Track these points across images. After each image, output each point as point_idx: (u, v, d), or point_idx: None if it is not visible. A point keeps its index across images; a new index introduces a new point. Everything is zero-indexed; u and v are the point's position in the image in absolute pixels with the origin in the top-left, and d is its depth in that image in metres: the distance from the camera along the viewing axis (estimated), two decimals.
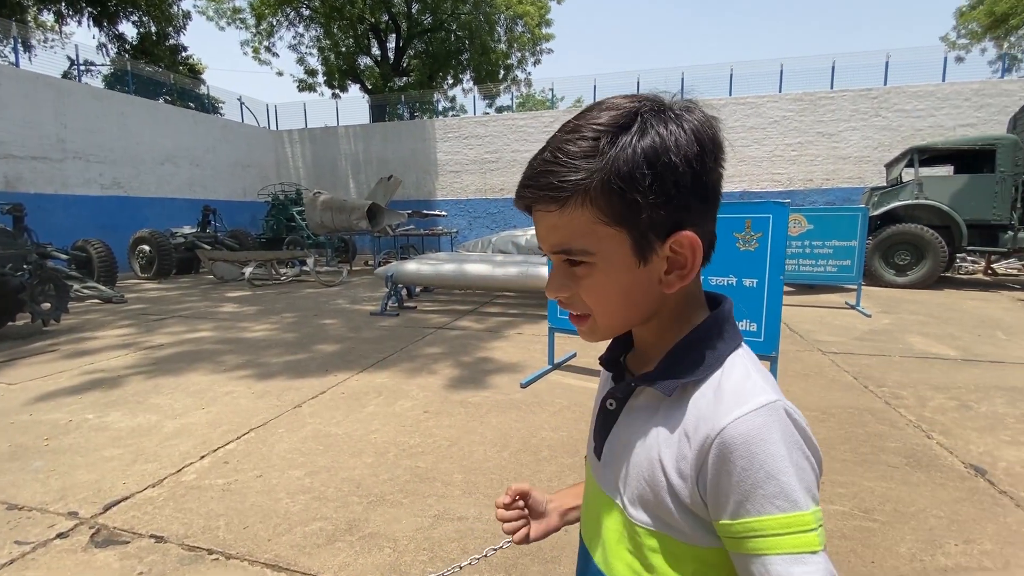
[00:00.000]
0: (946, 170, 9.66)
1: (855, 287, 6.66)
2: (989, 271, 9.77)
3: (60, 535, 1.97)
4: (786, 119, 13.29)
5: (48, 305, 5.67)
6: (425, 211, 13.18)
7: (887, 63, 13.21)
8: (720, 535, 0.49)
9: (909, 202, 7.96)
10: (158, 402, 3.39)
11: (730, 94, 14.08)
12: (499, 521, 0.73)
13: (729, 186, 13.74)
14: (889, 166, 9.17)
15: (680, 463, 0.50)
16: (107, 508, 2.14)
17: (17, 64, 12.42)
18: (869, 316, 5.90)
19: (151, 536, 1.95)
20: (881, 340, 4.84)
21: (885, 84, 13.06)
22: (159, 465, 2.51)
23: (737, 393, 0.49)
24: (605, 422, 0.61)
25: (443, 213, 13.79)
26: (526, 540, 0.73)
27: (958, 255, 8.73)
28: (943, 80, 12.84)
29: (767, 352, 3.01)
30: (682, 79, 14.34)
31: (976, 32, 21.74)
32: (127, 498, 2.21)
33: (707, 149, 0.48)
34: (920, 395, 3.40)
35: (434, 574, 1.68)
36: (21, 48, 12.85)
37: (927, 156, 8.30)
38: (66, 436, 2.87)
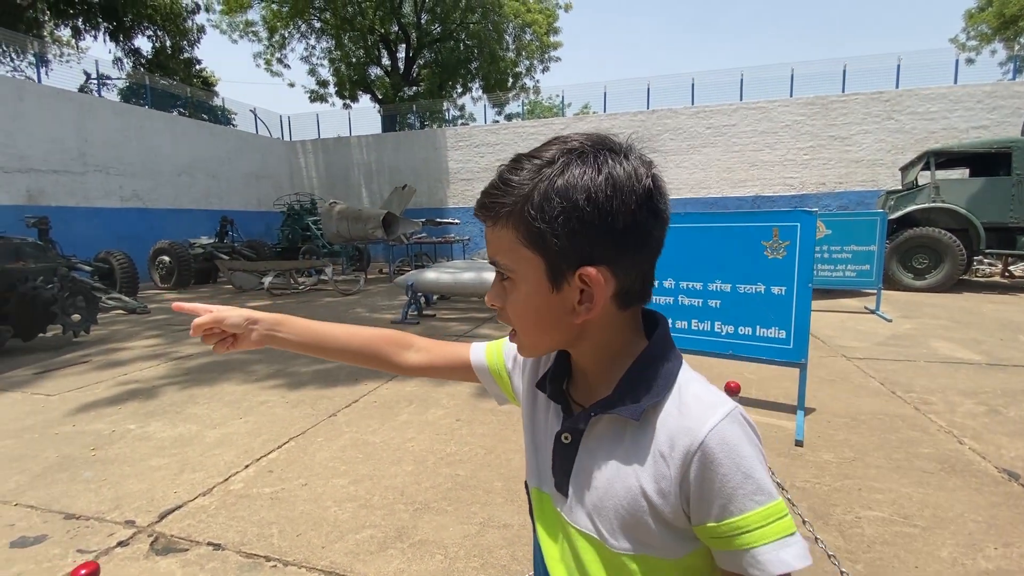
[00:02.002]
0: (962, 173, 9.62)
1: (875, 291, 6.64)
2: (1007, 274, 9.69)
3: (121, 543, 2.04)
4: (798, 123, 13.29)
5: (78, 317, 5.79)
6: (438, 219, 13.29)
7: (899, 66, 13.20)
8: (703, 537, 0.53)
9: (926, 205, 7.95)
10: (196, 412, 3.47)
11: (741, 99, 14.11)
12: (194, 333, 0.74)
13: (741, 191, 13.74)
14: (904, 169, 9.15)
15: (660, 483, 0.53)
16: (162, 516, 2.21)
17: (39, 80, 12.73)
18: (890, 321, 5.89)
19: (209, 544, 2.01)
20: (904, 345, 4.84)
21: (897, 87, 13.04)
22: (206, 474, 2.58)
23: (701, 405, 0.53)
24: (564, 456, 0.61)
25: (456, 221, 13.90)
26: (225, 349, 0.76)
27: (975, 258, 8.68)
28: (955, 82, 12.80)
29: (796, 359, 3.03)
30: (692, 85, 14.40)
31: (986, 34, 21.65)
32: (180, 507, 2.28)
33: (622, 194, 0.50)
34: (949, 400, 3.41)
35: None
36: (36, 63, 13.14)
37: (943, 159, 8.28)
38: (111, 446, 2.95)
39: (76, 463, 2.74)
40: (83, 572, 0.74)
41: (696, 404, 0.53)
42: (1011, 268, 9.77)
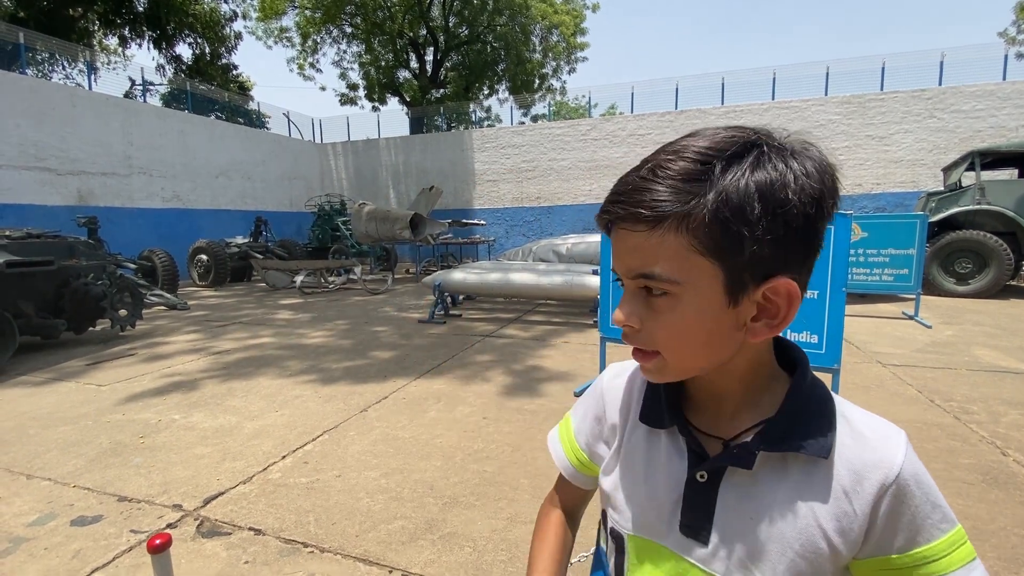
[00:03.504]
0: (1010, 173, 9.20)
1: (913, 296, 6.42)
2: None
3: (170, 525, 2.16)
4: (832, 122, 12.93)
5: (125, 312, 6.10)
6: (464, 220, 13.43)
7: (942, 62, 12.69)
8: (870, 571, 0.49)
9: (971, 208, 7.63)
10: (235, 404, 3.62)
11: (773, 98, 13.81)
12: None
13: None
14: (947, 170, 8.81)
15: (842, 521, 0.48)
16: (207, 502, 2.33)
17: (89, 87, 13.40)
18: (930, 327, 5.68)
19: (250, 529, 2.11)
20: (945, 352, 4.67)
21: (940, 84, 12.54)
22: (246, 463, 2.70)
23: (880, 433, 0.49)
24: (699, 497, 0.53)
25: (482, 222, 14.02)
26: None
27: (1023, 263, 8.29)
28: (1003, 78, 12.23)
29: (829, 364, 2.98)
30: (722, 84, 14.16)
31: None
32: (222, 493, 2.40)
33: (827, 192, 0.45)
34: (992, 410, 3.29)
35: None
36: (87, 70, 13.84)
37: (989, 159, 7.94)
38: (158, 434, 3.11)
39: (127, 449, 2.90)
40: (158, 542, 0.82)
41: (874, 434, 0.49)
42: None
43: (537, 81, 22.48)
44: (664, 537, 0.56)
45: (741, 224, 0.43)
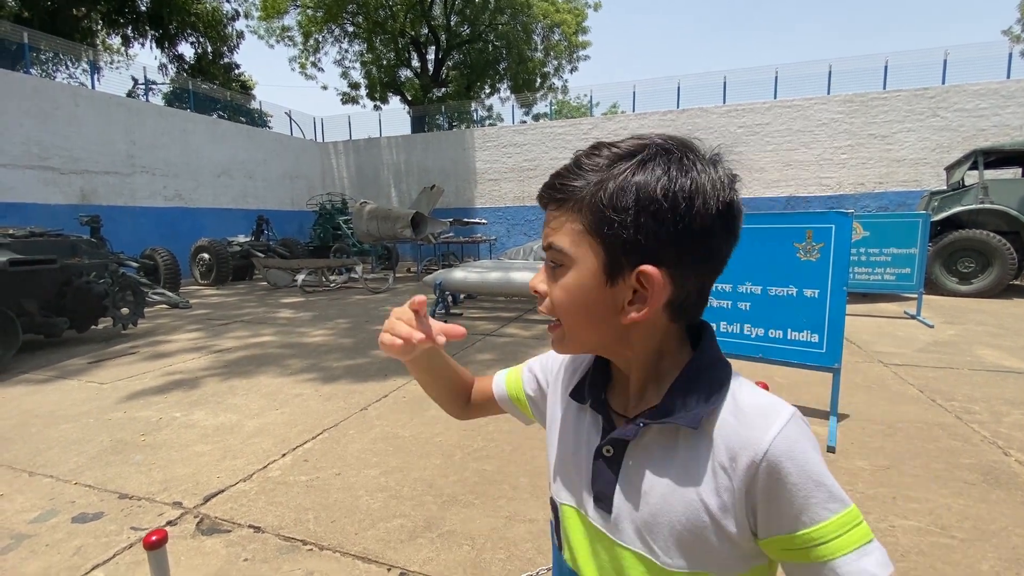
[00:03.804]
0: (1013, 172, 9.16)
1: (915, 296, 6.40)
2: None
3: (170, 523, 2.17)
4: (835, 121, 12.88)
5: (127, 310, 6.11)
6: (466, 219, 13.43)
7: (945, 61, 12.63)
8: (772, 551, 0.51)
9: (974, 207, 7.59)
10: (235, 402, 3.63)
11: (775, 97, 13.77)
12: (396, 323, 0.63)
13: (774, 191, 13.41)
14: (950, 169, 8.77)
15: (722, 496, 0.50)
16: (207, 499, 2.33)
17: (92, 86, 13.44)
18: (932, 327, 5.67)
19: (249, 526, 2.12)
20: (947, 352, 4.65)
21: (943, 83, 12.49)
22: (246, 461, 2.71)
23: (761, 411, 0.51)
24: (607, 470, 0.57)
25: (483, 221, 14.02)
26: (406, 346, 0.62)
27: None
28: (1007, 77, 12.17)
29: (829, 364, 2.98)
30: (724, 83, 14.13)
31: None
32: (223, 491, 2.41)
33: (703, 200, 0.49)
34: (994, 410, 3.28)
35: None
36: (90, 70, 13.88)
37: (993, 158, 7.90)
38: (159, 432, 3.12)
39: (128, 447, 2.91)
40: (153, 538, 0.82)
41: (754, 411, 0.51)
42: None
43: (539, 80, 22.46)
44: (583, 507, 0.61)
45: (614, 212, 0.49)
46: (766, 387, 1.87)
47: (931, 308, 6.68)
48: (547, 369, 0.75)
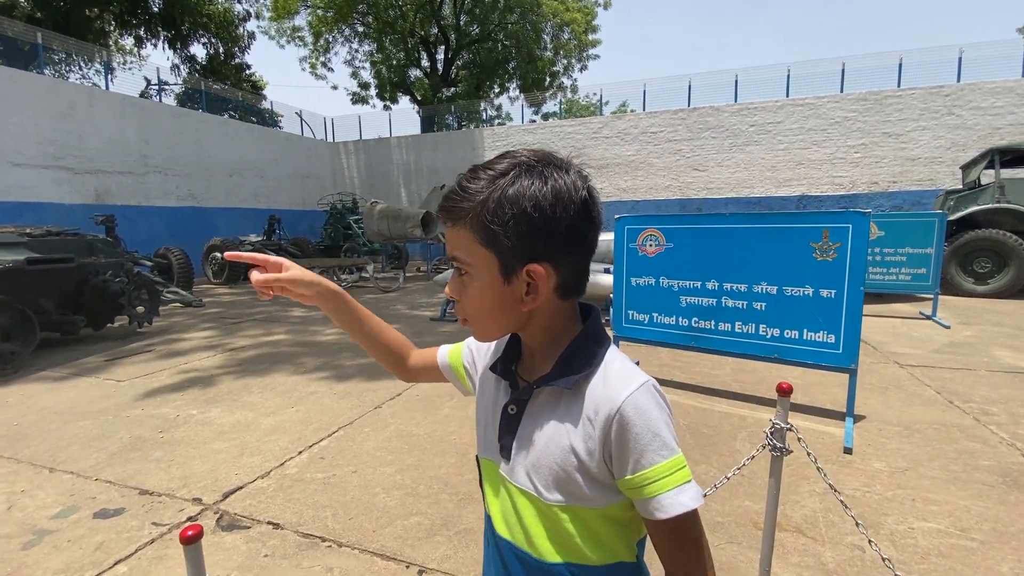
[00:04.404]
0: None
1: (931, 296, 6.33)
2: None
3: (190, 519, 2.20)
4: (848, 120, 12.75)
5: (142, 309, 6.19)
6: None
7: (960, 58, 12.45)
8: (623, 489, 0.62)
9: (990, 206, 7.49)
10: (251, 400, 3.67)
11: (787, 95, 13.64)
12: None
13: (787, 190, 13.30)
14: (966, 168, 8.66)
15: (588, 442, 0.62)
16: (226, 496, 2.36)
17: (106, 87, 13.61)
18: (948, 327, 5.60)
19: (268, 523, 2.14)
20: (963, 353, 4.60)
21: (959, 81, 12.31)
22: (263, 458, 2.74)
23: (621, 378, 0.63)
24: (509, 425, 0.69)
25: None
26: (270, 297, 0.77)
27: None
28: (1023, 75, 11.98)
29: (846, 364, 2.95)
30: (735, 81, 14.03)
31: None
32: (241, 488, 2.44)
33: (563, 203, 0.59)
34: (1012, 412, 3.24)
35: None
36: (104, 70, 14.04)
37: (1009, 156, 7.78)
38: (177, 429, 3.16)
39: (146, 444, 2.96)
40: (190, 533, 0.83)
41: (616, 377, 0.63)
42: None
43: (548, 79, 22.41)
44: (493, 456, 0.72)
45: (496, 223, 0.59)
46: (790, 388, 1.85)
47: (947, 308, 6.60)
48: (479, 346, 0.85)
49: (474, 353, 0.85)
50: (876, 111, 12.53)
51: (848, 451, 2.72)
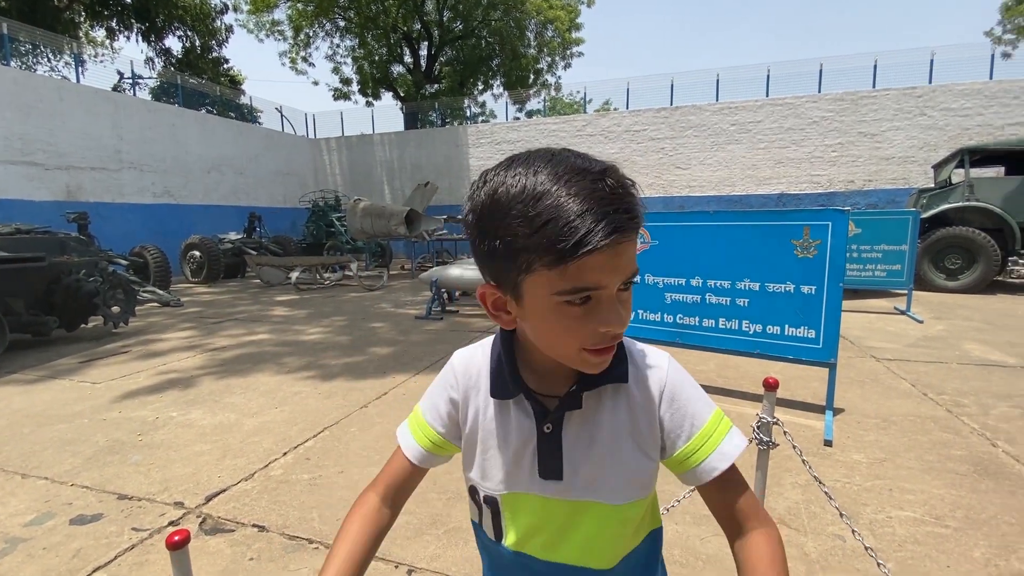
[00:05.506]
0: (997, 171, 9.34)
1: (905, 292, 6.51)
2: None
3: (172, 523, 2.15)
4: (826, 119, 13.03)
5: (117, 309, 6.03)
6: (460, 216, 13.36)
7: (932, 60, 12.82)
8: (678, 460, 0.63)
9: (960, 204, 7.74)
10: (233, 401, 3.61)
11: (767, 95, 13.88)
12: None
13: (766, 188, 13.54)
14: (937, 167, 8.92)
15: (643, 427, 0.63)
16: (209, 499, 2.32)
17: (76, 80, 13.19)
18: (921, 322, 5.77)
19: (253, 526, 2.11)
20: (936, 347, 4.74)
21: (930, 82, 12.67)
22: (247, 460, 2.69)
23: (648, 354, 0.66)
24: (550, 444, 0.63)
25: None
26: None
27: (1010, 258, 8.43)
28: (990, 77, 12.39)
29: (826, 359, 3.02)
30: (717, 81, 14.21)
31: (1023, 27, 20.81)
32: (224, 490, 2.39)
33: (475, 222, 0.56)
34: (982, 403, 3.35)
35: None
36: (74, 63, 13.61)
37: (978, 157, 8.05)
38: (156, 432, 3.09)
39: (125, 447, 2.88)
40: (176, 538, 0.82)
41: (642, 355, 0.66)
42: None
43: (532, 76, 22.42)
44: (529, 486, 0.66)
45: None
46: (776, 383, 1.88)
47: (919, 303, 6.80)
48: (444, 395, 0.73)
49: (448, 405, 0.72)
50: (852, 111, 12.83)
51: (828, 443, 2.79)
